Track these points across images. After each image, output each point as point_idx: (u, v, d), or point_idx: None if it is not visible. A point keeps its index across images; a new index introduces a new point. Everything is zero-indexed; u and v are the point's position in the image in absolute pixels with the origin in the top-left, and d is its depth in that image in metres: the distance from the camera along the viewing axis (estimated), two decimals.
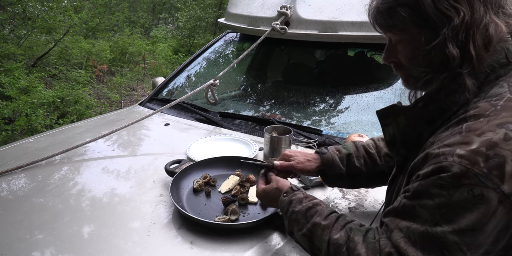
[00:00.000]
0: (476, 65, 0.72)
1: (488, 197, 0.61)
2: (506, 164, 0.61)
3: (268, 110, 2.09)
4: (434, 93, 0.78)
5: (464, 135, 0.67)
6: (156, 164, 1.52)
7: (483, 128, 0.66)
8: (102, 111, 5.77)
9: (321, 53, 2.69)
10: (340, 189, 1.32)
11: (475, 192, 0.61)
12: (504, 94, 0.71)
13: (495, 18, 0.72)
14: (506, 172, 0.61)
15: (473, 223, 0.61)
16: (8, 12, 6.80)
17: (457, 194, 0.62)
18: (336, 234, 0.78)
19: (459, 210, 0.62)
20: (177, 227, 1.13)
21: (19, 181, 1.41)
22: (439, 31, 0.72)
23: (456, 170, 0.63)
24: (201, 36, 11.70)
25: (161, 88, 2.42)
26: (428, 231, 0.64)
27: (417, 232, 0.65)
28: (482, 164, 0.62)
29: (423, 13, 0.72)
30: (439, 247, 0.63)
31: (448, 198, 0.63)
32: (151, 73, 8.63)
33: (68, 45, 7.94)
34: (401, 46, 0.81)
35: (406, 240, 0.66)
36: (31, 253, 1.03)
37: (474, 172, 0.61)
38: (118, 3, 12.82)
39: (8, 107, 4.56)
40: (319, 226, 0.82)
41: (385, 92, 1.88)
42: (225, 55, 2.72)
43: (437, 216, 0.64)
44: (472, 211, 0.61)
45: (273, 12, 2.06)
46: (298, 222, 0.87)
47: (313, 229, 0.82)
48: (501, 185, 0.61)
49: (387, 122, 0.89)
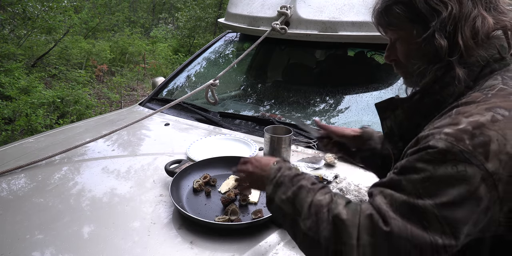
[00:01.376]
0: (464, 54, 0.76)
1: (471, 174, 0.62)
2: (491, 143, 0.63)
3: (268, 110, 2.09)
4: (429, 86, 0.82)
5: (453, 117, 0.70)
6: (156, 164, 1.52)
7: (472, 111, 0.69)
8: (102, 111, 5.77)
9: (321, 53, 2.69)
10: (340, 189, 1.32)
11: (459, 168, 0.63)
12: (497, 85, 0.75)
13: (484, 12, 0.77)
14: (491, 150, 0.63)
15: (454, 198, 0.62)
16: (8, 12, 6.80)
17: (441, 169, 0.64)
18: (320, 196, 0.77)
19: (442, 184, 0.64)
20: (177, 227, 1.13)
21: (19, 181, 1.41)
22: (429, 24, 0.77)
23: (442, 146, 0.65)
24: (201, 36, 11.70)
25: (161, 88, 2.42)
26: (410, 201, 0.65)
27: (400, 200, 0.67)
28: (467, 142, 0.64)
29: (415, 9, 0.78)
30: (418, 216, 0.64)
31: (433, 172, 0.64)
32: (151, 73, 8.63)
33: (68, 45, 7.93)
34: (398, 43, 0.86)
35: (388, 205, 0.67)
36: (31, 253, 1.03)
37: (459, 148, 0.63)
38: (118, 3, 12.80)
39: (8, 107, 4.56)
40: (304, 189, 0.80)
41: (385, 92, 1.88)
42: (225, 55, 2.72)
43: (421, 190, 0.65)
44: (454, 186, 0.63)
45: (273, 12, 2.06)
46: (284, 185, 0.83)
47: (299, 191, 0.80)
48: (485, 162, 0.62)
49: (385, 116, 0.92)
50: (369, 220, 0.67)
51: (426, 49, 0.79)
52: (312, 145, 1.60)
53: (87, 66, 7.75)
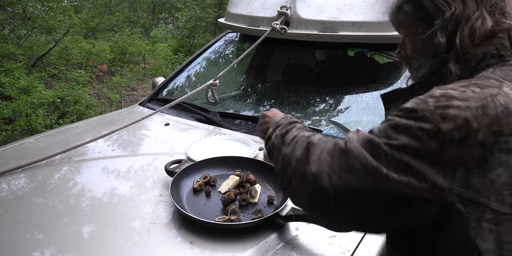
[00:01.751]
0: (460, 52, 0.83)
1: (426, 129, 0.69)
2: (451, 108, 0.69)
3: (268, 110, 2.08)
4: (427, 77, 0.90)
5: (431, 91, 0.77)
6: (156, 164, 1.52)
7: (448, 86, 0.76)
8: (102, 111, 5.77)
9: (321, 53, 2.69)
10: None
11: (417, 123, 0.71)
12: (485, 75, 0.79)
13: (486, 15, 0.82)
14: (449, 113, 0.69)
15: (404, 143, 0.70)
16: (8, 12, 6.79)
17: (403, 120, 0.73)
18: (306, 132, 0.89)
19: (399, 130, 0.72)
20: (177, 227, 1.13)
21: (19, 181, 1.41)
22: (434, 22, 0.84)
23: (409, 106, 0.73)
24: (201, 36, 11.70)
25: (161, 88, 2.42)
26: (370, 137, 0.75)
27: (364, 136, 0.77)
28: (430, 104, 0.71)
29: (423, 8, 0.85)
30: (372, 148, 0.73)
31: (396, 122, 0.74)
32: (151, 73, 8.63)
33: (68, 45, 7.93)
34: (408, 40, 0.94)
35: (353, 136, 0.78)
36: (31, 253, 1.03)
37: (422, 107, 0.71)
38: (118, 3, 12.80)
39: (8, 107, 4.56)
40: (296, 127, 0.93)
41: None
42: (225, 55, 2.72)
43: (382, 132, 0.75)
44: (408, 134, 0.71)
45: (273, 12, 2.06)
46: (282, 125, 0.96)
47: (291, 128, 0.93)
48: (440, 122, 0.68)
49: (389, 106, 1.00)
50: (334, 144, 0.79)
51: (427, 46, 0.87)
52: None
53: (87, 66, 7.75)
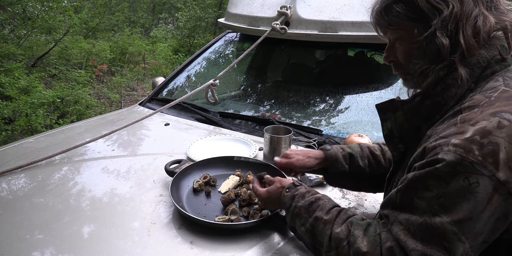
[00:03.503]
0: (466, 53, 0.76)
1: (484, 185, 0.62)
2: (500, 151, 0.62)
3: (268, 110, 2.09)
4: (432, 88, 0.81)
5: (459, 126, 0.69)
6: (156, 164, 1.52)
7: (477, 117, 0.68)
8: (102, 111, 5.77)
9: (321, 53, 2.69)
10: (340, 189, 1.32)
11: (471, 180, 0.62)
12: (499, 87, 0.73)
13: (486, 11, 0.77)
14: (500, 159, 0.62)
15: (471, 211, 0.62)
16: (8, 12, 6.79)
17: (453, 183, 0.63)
18: (337, 228, 0.79)
19: (457, 198, 0.63)
20: (177, 227, 1.13)
21: (19, 181, 1.41)
22: (430, 22, 0.77)
23: (452, 159, 0.64)
24: (201, 36, 11.70)
25: (161, 88, 2.42)
26: (427, 222, 0.65)
27: (416, 223, 0.66)
28: (476, 152, 0.63)
29: (416, 7, 0.78)
30: (438, 238, 0.63)
31: (445, 187, 0.64)
32: (151, 73, 8.63)
33: (68, 45, 7.93)
34: (398, 43, 0.86)
35: (405, 232, 0.67)
36: (31, 253, 1.03)
37: (469, 160, 0.63)
38: (118, 3, 12.79)
39: (8, 107, 4.56)
40: (321, 221, 0.83)
41: (385, 92, 1.88)
42: (225, 55, 2.72)
43: (436, 206, 0.65)
44: (469, 199, 0.62)
45: (273, 12, 2.06)
46: (300, 217, 0.88)
47: (315, 223, 0.84)
48: (496, 172, 0.62)
49: (385, 117, 0.92)
50: (389, 253, 0.67)
51: (427, 48, 0.79)
52: (312, 144, 1.60)
53: (87, 66, 7.75)
